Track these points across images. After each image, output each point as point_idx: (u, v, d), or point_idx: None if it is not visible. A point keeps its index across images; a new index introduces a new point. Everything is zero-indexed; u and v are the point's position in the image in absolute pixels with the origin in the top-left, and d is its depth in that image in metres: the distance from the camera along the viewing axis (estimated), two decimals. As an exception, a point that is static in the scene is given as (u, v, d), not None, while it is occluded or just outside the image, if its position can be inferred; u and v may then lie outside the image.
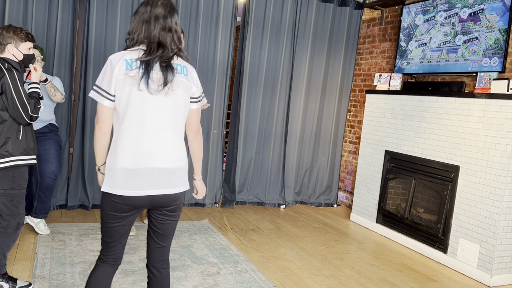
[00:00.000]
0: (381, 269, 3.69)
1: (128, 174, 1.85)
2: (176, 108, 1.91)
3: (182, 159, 1.97)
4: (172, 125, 1.91)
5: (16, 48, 2.67)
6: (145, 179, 1.87)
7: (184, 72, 1.93)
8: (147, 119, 1.85)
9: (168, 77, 1.85)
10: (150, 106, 1.85)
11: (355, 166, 5.62)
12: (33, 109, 2.61)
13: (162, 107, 1.87)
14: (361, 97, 5.60)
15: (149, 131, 1.86)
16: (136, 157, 1.86)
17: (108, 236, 1.95)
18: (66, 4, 4.30)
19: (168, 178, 1.91)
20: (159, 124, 1.88)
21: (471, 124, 3.75)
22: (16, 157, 2.60)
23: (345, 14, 5.44)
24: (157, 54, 1.84)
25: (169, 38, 1.89)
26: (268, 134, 5.32)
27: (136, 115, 1.85)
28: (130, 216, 1.93)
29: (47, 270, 3.08)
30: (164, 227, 2.02)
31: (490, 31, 3.92)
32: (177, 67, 1.90)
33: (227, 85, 5.06)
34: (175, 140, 1.94)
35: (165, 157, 1.90)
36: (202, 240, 3.96)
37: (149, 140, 1.87)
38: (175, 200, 1.97)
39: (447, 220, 3.92)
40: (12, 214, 2.64)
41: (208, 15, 4.87)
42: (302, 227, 4.66)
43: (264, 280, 3.22)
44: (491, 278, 3.52)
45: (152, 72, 1.83)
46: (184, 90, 1.93)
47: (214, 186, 5.14)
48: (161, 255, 2.06)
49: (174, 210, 2.00)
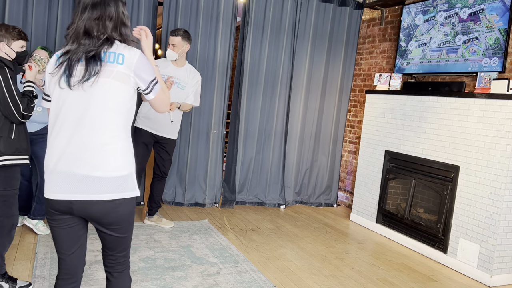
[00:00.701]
0: (381, 269, 3.69)
1: (48, 175, 1.73)
2: (101, 103, 1.69)
3: (111, 165, 1.70)
4: (97, 123, 1.69)
5: (8, 47, 2.66)
6: (62, 181, 1.69)
7: (118, 60, 1.71)
8: (67, 116, 1.70)
9: (90, 68, 1.67)
10: (68, 103, 1.70)
11: (355, 166, 5.62)
12: (25, 108, 2.59)
13: (81, 104, 1.69)
14: (361, 97, 5.60)
15: (69, 130, 1.70)
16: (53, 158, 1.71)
17: (54, 242, 1.84)
18: (66, 4, 4.30)
19: (88, 184, 1.68)
20: (80, 122, 1.69)
21: (471, 124, 3.75)
22: (8, 157, 2.57)
23: (345, 14, 5.44)
24: (84, 47, 1.69)
25: (96, 26, 1.72)
26: (268, 134, 5.32)
27: (56, 114, 1.72)
28: (62, 220, 1.76)
29: (47, 270, 3.08)
30: (105, 239, 1.82)
31: (490, 31, 3.92)
32: (109, 55, 1.71)
33: (227, 85, 5.06)
34: (102, 142, 1.69)
35: (86, 162, 1.68)
36: (202, 240, 3.96)
37: (67, 141, 1.69)
38: (103, 211, 1.71)
39: (447, 220, 3.92)
40: (6, 215, 2.61)
41: (208, 15, 4.87)
42: (302, 227, 4.66)
43: (264, 280, 3.22)
44: (491, 278, 3.52)
45: (75, 66, 1.69)
46: (117, 80, 1.70)
47: (214, 186, 5.14)
48: (109, 261, 1.88)
49: (109, 224, 1.75)
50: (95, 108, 1.69)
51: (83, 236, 1.86)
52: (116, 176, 1.71)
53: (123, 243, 1.85)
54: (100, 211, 1.72)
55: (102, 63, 1.69)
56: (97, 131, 1.69)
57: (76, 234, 1.82)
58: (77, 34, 1.72)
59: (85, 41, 1.71)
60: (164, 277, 3.11)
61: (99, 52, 1.70)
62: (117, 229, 1.79)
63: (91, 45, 1.70)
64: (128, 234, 1.84)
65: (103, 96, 1.69)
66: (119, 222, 1.77)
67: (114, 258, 1.87)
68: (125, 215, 1.77)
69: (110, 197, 1.70)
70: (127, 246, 1.88)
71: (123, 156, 1.74)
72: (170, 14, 4.76)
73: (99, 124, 1.70)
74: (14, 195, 2.66)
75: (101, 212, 1.72)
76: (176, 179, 5.04)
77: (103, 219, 1.74)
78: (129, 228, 1.83)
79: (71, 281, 1.88)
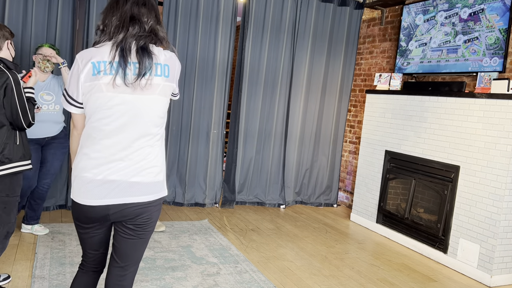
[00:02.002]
0: (381, 269, 3.68)
1: (85, 182, 1.68)
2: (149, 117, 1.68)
3: (151, 173, 1.71)
4: (145, 128, 1.68)
5: (12, 45, 2.63)
6: (100, 188, 1.66)
7: (165, 73, 1.67)
8: (113, 124, 1.65)
9: (144, 60, 1.60)
10: (118, 108, 1.63)
11: (355, 166, 5.61)
12: (33, 115, 2.57)
13: (131, 109, 1.64)
14: (361, 97, 5.59)
15: (115, 137, 1.66)
16: (92, 166, 1.67)
17: (81, 244, 1.85)
18: (66, 4, 4.30)
19: (126, 189, 1.68)
20: (125, 130, 1.66)
21: (471, 124, 3.75)
22: (16, 163, 2.53)
23: (345, 14, 5.44)
24: (128, 32, 1.60)
25: (145, 13, 1.64)
26: (268, 134, 5.32)
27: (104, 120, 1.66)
28: (95, 227, 1.76)
29: (47, 270, 3.08)
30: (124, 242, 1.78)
31: (490, 31, 3.92)
32: (156, 67, 1.64)
33: (227, 85, 5.06)
34: (147, 145, 1.70)
35: (127, 171, 1.67)
36: (202, 240, 3.96)
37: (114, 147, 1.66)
38: (139, 212, 1.72)
39: (447, 220, 3.92)
40: (3, 222, 2.53)
41: (208, 15, 4.87)
42: (302, 227, 4.66)
43: (264, 280, 3.22)
44: (491, 278, 3.51)
45: (128, 56, 1.60)
46: (163, 95, 1.69)
47: (214, 186, 5.14)
48: (117, 279, 1.79)
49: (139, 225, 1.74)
50: (140, 119, 1.66)
51: (109, 237, 1.87)
52: (156, 182, 1.73)
53: (139, 251, 1.81)
54: (136, 213, 1.71)
55: (150, 77, 1.62)
56: (144, 136, 1.68)
57: (105, 237, 1.84)
58: (123, 23, 1.62)
59: (133, 29, 1.62)
60: (164, 277, 3.11)
61: (148, 45, 1.62)
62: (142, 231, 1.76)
63: (141, 31, 1.62)
64: (146, 240, 1.82)
65: (149, 108, 1.66)
66: (150, 223, 1.76)
67: (123, 273, 1.80)
68: (155, 216, 1.78)
69: (148, 199, 1.71)
70: (139, 259, 1.83)
71: (161, 163, 1.76)
72: (170, 14, 4.76)
73: (143, 133, 1.68)
74: (15, 202, 2.58)
75: (137, 213, 1.71)
76: (176, 179, 5.04)
77: (136, 219, 1.73)
78: (151, 232, 1.82)
79: (96, 271, 1.89)
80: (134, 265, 1.82)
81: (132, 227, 1.74)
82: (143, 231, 1.77)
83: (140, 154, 1.69)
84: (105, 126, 1.65)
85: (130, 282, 1.83)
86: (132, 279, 1.83)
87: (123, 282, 1.80)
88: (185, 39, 4.85)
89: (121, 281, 1.80)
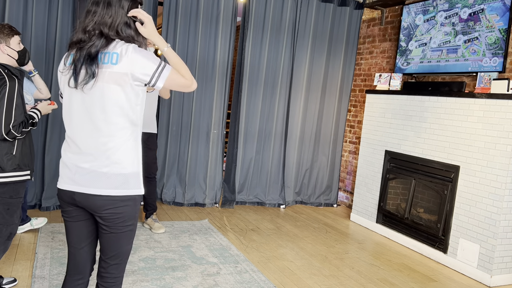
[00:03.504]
0: (381, 269, 3.68)
1: (61, 166, 1.82)
2: (103, 105, 1.70)
3: (115, 163, 1.73)
4: (98, 124, 1.72)
5: (8, 47, 2.52)
6: (69, 173, 1.77)
7: (113, 60, 1.68)
8: (73, 117, 1.76)
9: (88, 70, 1.67)
10: (75, 103, 1.74)
11: (355, 166, 5.62)
12: (16, 125, 2.41)
13: (85, 104, 1.72)
14: (361, 97, 5.60)
15: (75, 129, 1.75)
16: (66, 152, 1.80)
17: (66, 236, 1.89)
18: (66, 4, 4.30)
19: (92, 179, 1.73)
20: (83, 122, 1.73)
21: (471, 124, 3.75)
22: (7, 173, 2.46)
23: (345, 14, 5.44)
24: (82, 43, 1.71)
25: (91, 21, 1.71)
26: (268, 134, 5.32)
27: (65, 112, 1.79)
28: (72, 212, 1.82)
29: (47, 270, 3.08)
30: (100, 235, 1.82)
31: (490, 31, 3.92)
32: (105, 56, 1.69)
33: (227, 85, 5.06)
34: (105, 141, 1.72)
35: (91, 159, 1.73)
36: (202, 240, 3.96)
37: (75, 138, 1.76)
38: (103, 205, 1.73)
39: (447, 220, 3.92)
40: (6, 223, 2.50)
41: (208, 15, 4.87)
42: (302, 227, 4.66)
43: (264, 280, 3.22)
44: (491, 278, 3.52)
45: (78, 65, 1.70)
46: (112, 83, 1.68)
47: (214, 186, 5.14)
48: (101, 270, 1.86)
49: (107, 218, 1.75)
50: (95, 110, 1.71)
51: (94, 233, 1.88)
52: (118, 173, 1.73)
53: (116, 246, 1.81)
54: (99, 205, 1.74)
55: (99, 65, 1.68)
56: (99, 132, 1.72)
57: (86, 229, 1.86)
58: (78, 31, 1.75)
59: (84, 37, 1.71)
60: (164, 277, 3.11)
61: (94, 51, 1.68)
62: (111, 227, 1.77)
63: (87, 42, 1.70)
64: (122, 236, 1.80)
65: (100, 99, 1.69)
66: (116, 218, 1.76)
67: (106, 265, 1.84)
68: (124, 212, 1.76)
69: (111, 193, 1.73)
70: (120, 253, 1.83)
71: (125, 155, 1.75)
72: (170, 14, 4.76)
73: (99, 125, 1.72)
74: (18, 204, 2.55)
75: (100, 205, 1.74)
76: (176, 179, 5.04)
77: (101, 211, 1.75)
78: (126, 229, 1.79)
79: (78, 277, 1.90)
80: (115, 258, 1.83)
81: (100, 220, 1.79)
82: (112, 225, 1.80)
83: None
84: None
85: (114, 275, 1.85)
86: (116, 272, 1.86)
87: (106, 274, 1.85)
88: (185, 40, 4.85)
89: (104, 273, 1.85)
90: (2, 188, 2.45)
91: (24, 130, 2.47)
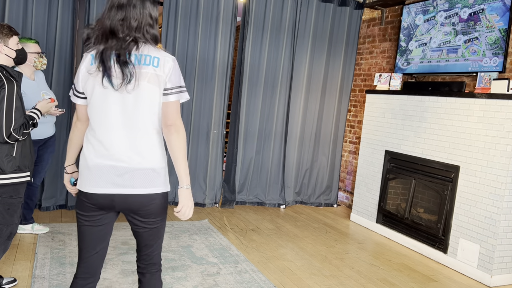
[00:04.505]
0: (381, 269, 3.68)
1: (90, 171, 1.79)
2: (141, 104, 1.76)
3: (149, 158, 1.79)
4: (135, 122, 1.77)
5: (7, 47, 2.51)
6: (103, 177, 1.78)
7: (154, 63, 1.77)
8: (108, 116, 1.77)
9: (125, 71, 1.72)
10: (111, 103, 1.76)
11: (355, 166, 5.61)
12: (17, 128, 2.40)
13: (123, 103, 1.76)
14: (361, 97, 5.59)
15: (110, 128, 1.77)
16: (96, 155, 1.79)
17: (80, 241, 1.88)
18: (66, 4, 4.30)
19: (129, 178, 1.77)
20: (120, 121, 1.77)
21: (471, 124, 3.75)
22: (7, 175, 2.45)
23: (345, 14, 5.44)
24: (109, 46, 1.74)
25: (121, 27, 1.75)
26: (268, 134, 5.32)
27: (98, 112, 1.78)
28: (97, 216, 1.84)
29: (47, 270, 3.08)
30: (138, 234, 1.89)
31: (490, 31, 3.92)
32: (145, 58, 1.76)
33: (227, 85, 5.06)
34: (140, 138, 1.78)
35: (125, 155, 1.77)
36: (202, 240, 3.96)
37: (109, 138, 1.77)
38: (142, 203, 1.80)
39: (447, 220, 3.92)
40: (6, 223, 2.49)
41: (208, 15, 4.87)
42: (302, 227, 4.66)
43: (264, 280, 3.22)
44: (491, 278, 3.52)
45: (112, 66, 1.73)
46: (152, 83, 1.76)
47: (214, 186, 5.14)
48: (143, 261, 1.94)
49: (145, 216, 1.82)
50: (134, 109, 1.77)
51: (109, 236, 1.93)
52: (153, 170, 1.80)
53: (154, 240, 1.90)
54: (138, 204, 1.80)
55: (137, 66, 1.74)
56: (134, 130, 1.78)
57: (104, 232, 1.89)
58: (104, 34, 1.76)
59: (112, 42, 1.75)
60: (164, 277, 3.11)
61: (128, 54, 1.74)
62: (151, 222, 1.85)
63: (118, 47, 1.74)
64: (160, 228, 1.90)
65: (140, 97, 1.76)
66: (154, 213, 1.83)
67: (148, 258, 1.92)
68: (160, 207, 1.84)
69: (149, 191, 1.80)
70: (160, 242, 1.94)
71: (157, 152, 1.82)
72: (170, 14, 4.76)
73: (136, 123, 1.78)
74: (18, 204, 2.54)
75: (139, 204, 1.80)
76: (176, 179, 5.04)
77: (141, 210, 1.81)
78: (163, 222, 1.90)
79: (90, 280, 1.92)
80: (157, 248, 1.94)
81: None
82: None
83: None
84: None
85: (158, 257, 1.96)
86: (159, 253, 1.96)
87: (152, 260, 1.95)
88: (185, 40, 4.85)
89: (149, 260, 1.95)
90: (2, 188, 2.45)
91: (25, 132, 2.47)
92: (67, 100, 4.37)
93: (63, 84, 4.36)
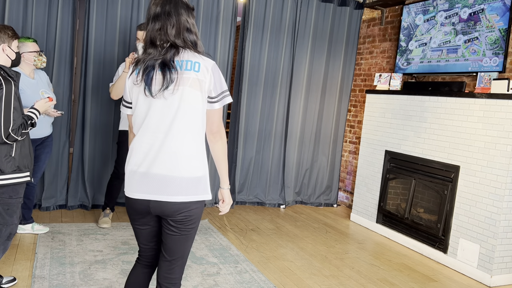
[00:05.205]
0: (381, 269, 3.68)
1: (130, 176, 1.87)
2: (183, 109, 1.81)
3: (187, 166, 1.83)
4: (176, 128, 1.82)
5: (9, 48, 2.53)
6: (142, 182, 1.84)
7: (195, 68, 1.82)
8: (149, 123, 1.83)
9: (166, 77, 1.78)
10: (152, 110, 1.82)
11: (355, 166, 5.61)
12: (15, 128, 2.40)
13: (164, 110, 1.81)
14: (361, 97, 5.59)
15: (151, 135, 1.83)
16: (136, 161, 1.86)
17: (136, 237, 2.02)
18: (66, 4, 4.30)
19: (166, 185, 1.82)
20: (161, 127, 1.82)
21: (471, 124, 3.75)
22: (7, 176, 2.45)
23: (345, 14, 5.44)
24: (150, 56, 1.82)
25: (159, 36, 1.83)
26: (268, 134, 5.32)
27: (140, 120, 1.86)
28: (140, 219, 1.93)
29: (47, 270, 3.08)
30: (169, 238, 1.92)
31: (490, 31, 3.92)
32: (186, 63, 1.82)
33: (227, 85, 5.06)
34: (180, 145, 1.82)
35: (165, 163, 1.82)
36: (202, 240, 3.96)
37: (149, 145, 1.83)
38: (177, 209, 1.84)
39: (447, 220, 3.92)
40: (6, 223, 2.49)
41: (208, 15, 4.87)
42: (302, 227, 4.66)
43: (264, 280, 3.22)
44: (491, 278, 3.52)
45: (153, 74, 1.80)
46: (194, 88, 1.81)
47: (214, 186, 5.14)
48: (166, 271, 1.95)
49: (180, 221, 1.87)
50: (175, 114, 1.81)
51: (159, 234, 1.99)
52: (191, 179, 1.84)
53: (183, 247, 1.93)
54: (173, 209, 1.84)
55: (179, 71, 1.80)
56: (176, 136, 1.82)
57: (155, 232, 1.98)
58: (146, 45, 1.86)
59: (150, 50, 1.83)
60: (164, 277, 3.11)
61: (169, 60, 1.80)
62: (184, 228, 1.89)
63: (156, 54, 1.81)
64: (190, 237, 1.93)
65: (181, 102, 1.81)
66: (190, 220, 1.88)
67: (171, 266, 1.94)
68: (195, 214, 1.89)
69: (184, 199, 1.84)
70: (186, 253, 1.96)
71: (197, 159, 1.87)
72: (170, 14, 4.75)
73: (177, 129, 1.82)
74: (18, 204, 2.54)
75: (174, 210, 1.84)
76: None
77: (175, 215, 1.85)
78: (193, 230, 1.93)
79: (149, 265, 2.05)
80: (181, 258, 1.95)
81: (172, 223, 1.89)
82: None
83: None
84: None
85: (178, 275, 1.98)
86: (180, 272, 1.98)
87: (171, 275, 1.95)
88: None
89: (169, 273, 1.95)
90: (1, 188, 2.45)
91: (24, 132, 2.47)
92: (66, 100, 4.37)
93: (63, 84, 4.36)
